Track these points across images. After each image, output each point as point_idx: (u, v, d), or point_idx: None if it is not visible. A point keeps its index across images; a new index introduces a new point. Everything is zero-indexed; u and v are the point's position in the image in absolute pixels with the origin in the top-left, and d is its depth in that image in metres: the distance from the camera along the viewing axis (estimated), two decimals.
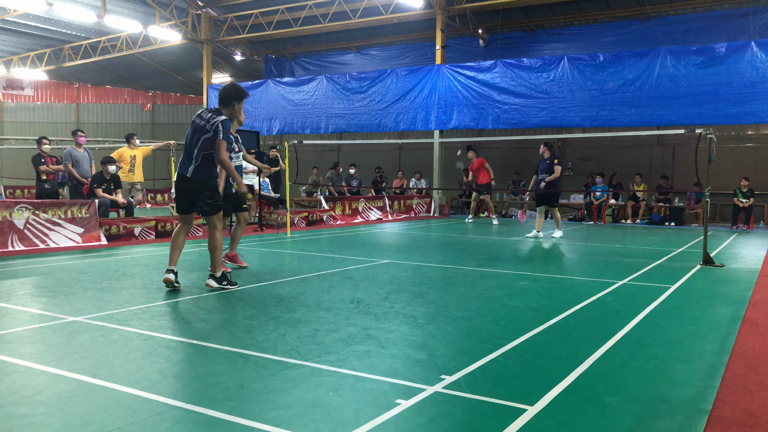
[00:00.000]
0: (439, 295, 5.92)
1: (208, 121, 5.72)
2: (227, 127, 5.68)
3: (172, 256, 5.97)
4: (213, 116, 5.73)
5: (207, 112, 5.82)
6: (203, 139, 5.71)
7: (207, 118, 5.75)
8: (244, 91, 5.96)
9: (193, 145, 5.78)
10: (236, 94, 5.91)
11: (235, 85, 5.99)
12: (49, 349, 3.95)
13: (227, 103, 5.91)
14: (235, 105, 5.93)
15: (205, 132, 5.71)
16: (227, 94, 5.90)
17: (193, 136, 5.78)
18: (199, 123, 5.78)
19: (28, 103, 29.43)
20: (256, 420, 2.81)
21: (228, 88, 5.94)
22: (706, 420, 2.91)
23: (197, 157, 5.74)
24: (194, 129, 5.80)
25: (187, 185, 5.85)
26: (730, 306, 5.60)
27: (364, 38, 22.66)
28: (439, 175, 19.35)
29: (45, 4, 18.23)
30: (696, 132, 9.24)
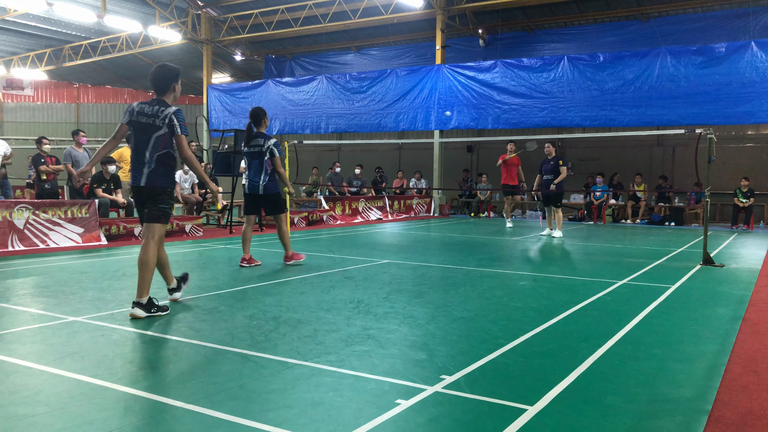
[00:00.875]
0: (439, 295, 5.92)
1: (156, 116, 4.87)
2: (182, 117, 4.95)
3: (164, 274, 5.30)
4: (161, 108, 4.89)
5: (149, 106, 4.93)
6: (155, 138, 4.86)
7: (154, 113, 4.88)
8: (177, 68, 5.16)
9: (143, 147, 4.90)
10: (173, 74, 5.05)
11: (165, 66, 5.09)
12: (49, 349, 3.94)
13: (167, 87, 5.02)
14: (175, 87, 5.06)
15: (155, 129, 4.86)
16: (164, 77, 5.00)
17: (143, 137, 4.89)
18: (145, 121, 4.89)
19: (28, 103, 29.43)
20: (256, 420, 2.81)
21: (160, 71, 5.02)
22: (706, 420, 2.91)
23: (150, 161, 4.89)
24: (140, 128, 4.90)
25: (143, 195, 4.98)
26: (730, 306, 5.60)
27: (364, 38, 22.67)
28: (439, 175, 19.35)
29: (45, 4, 18.24)
30: (696, 132, 9.25)
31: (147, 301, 4.86)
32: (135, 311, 4.81)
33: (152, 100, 5.00)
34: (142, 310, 4.82)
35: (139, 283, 4.84)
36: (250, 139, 7.62)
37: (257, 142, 7.57)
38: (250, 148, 7.61)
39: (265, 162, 7.55)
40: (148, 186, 4.92)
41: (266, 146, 7.51)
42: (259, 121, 7.63)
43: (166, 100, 5.01)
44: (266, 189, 7.61)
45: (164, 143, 4.89)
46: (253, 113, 7.64)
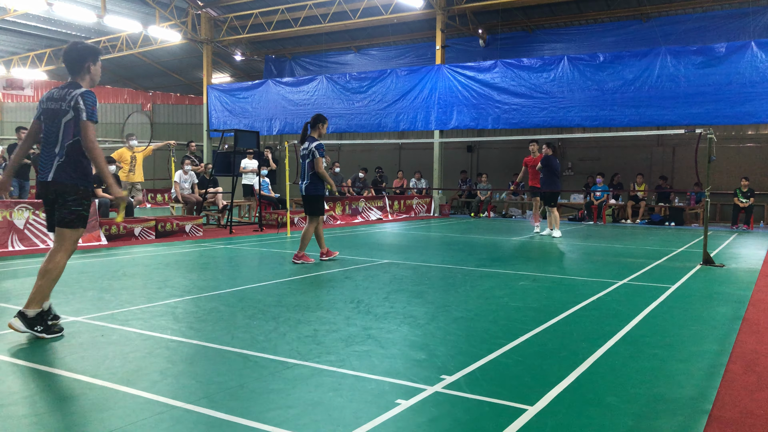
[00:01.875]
0: (439, 295, 5.92)
1: (63, 99, 4.24)
2: (92, 100, 4.28)
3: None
4: (70, 90, 4.26)
5: (59, 90, 4.32)
6: (64, 123, 4.22)
7: (61, 96, 4.26)
8: (94, 48, 4.53)
9: (52, 136, 4.27)
10: (88, 52, 4.41)
11: (78, 43, 4.46)
12: (49, 349, 3.94)
13: (80, 66, 4.38)
14: (90, 67, 4.41)
15: (63, 114, 4.22)
16: (76, 56, 4.37)
17: (52, 125, 4.27)
18: (53, 106, 4.27)
19: (28, 103, 29.43)
20: (256, 420, 2.81)
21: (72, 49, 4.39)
22: (706, 420, 2.91)
23: (60, 152, 4.23)
24: (49, 115, 4.29)
25: (50, 192, 4.29)
26: (730, 306, 5.60)
27: (364, 38, 22.67)
28: (439, 175, 19.35)
29: (45, 4, 18.24)
30: (696, 132, 9.25)
31: (35, 314, 4.18)
32: (14, 322, 4.14)
33: (64, 84, 4.39)
34: (23, 323, 4.14)
35: (33, 292, 4.18)
36: (302, 141, 8.01)
37: (305, 145, 7.91)
38: (302, 150, 7.97)
39: (307, 164, 7.84)
40: (56, 181, 4.24)
41: (310, 148, 7.80)
42: (315, 125, 7.98)
43: (80, 82, 4.37)
44: (307, 191, 7.92)
45: (74, 131, 4.23)
46: (315, 117, 8.03)
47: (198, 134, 25.23)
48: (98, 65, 4.47)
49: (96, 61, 4.45)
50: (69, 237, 4.30)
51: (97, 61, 4.46)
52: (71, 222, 4.28)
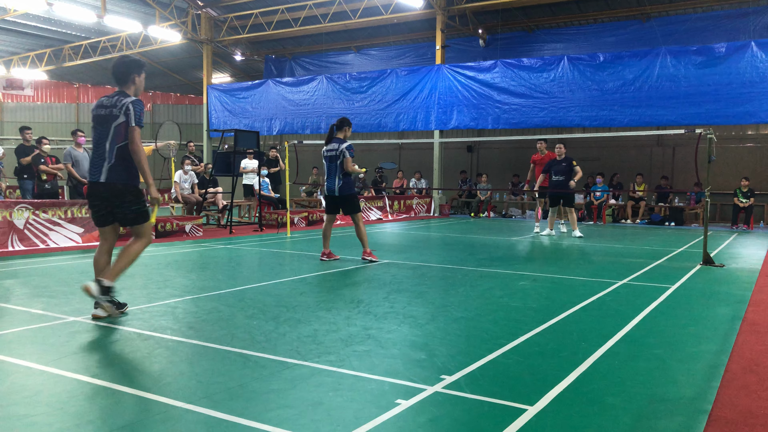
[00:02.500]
0: (439, 295, 5.92)
1: (114, 106, 4.73)
2: (141, 108, 4.77)
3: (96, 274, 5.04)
4: (120, 98, 4.75)
5: (108, 98, 4.82)
6: (114, 128, 4.71)
7: (112, 103, 4.75)
8: (139, 61, 5.10)
9: (103, 140, 4.75)
10: (134, 65, 4.95)
11: (126, 57, 5.09)
12: (49, 349, 3.94)
13: (127, 78, 4.90)
14: (135, 78, 4.93)
15: (113, 119, 4.70)
16: (124, 69, 4.90)
17: (102, 129, 4.76)
18: (104, 112, 4.77)
19: (28, 103, 29.43)
20: (256, 420, 2.81)
21: (120, 63, 4.94)
22: (706, 420, 2.91)
23: (110, 155, 4.71)
24: (99, 120, 4.79)
25: (102, 192, 4.81)
26: (730, 306, 5.60)
27: (364, 38, 22.67)
28: (439, 175, 19.35)
29: (45, 4, 18.24)
30: (696, 132, 9.24)
31: (108, 285, 4.77)
32: (91, 285, 4.72)
33: (113, 93, 4.88)
34: (98, 289, 4.71)
35: (114, 265, 4.84)
36: (329, 142, 8.13)
37: (332, 146, 8.06)
38: (327, 152, 8.09)
39: (338, 165, 7.98)
40: (109, 182, 4.73)
41: (340, 150, 7.98)
42: (341, 127, 8.16)
43: (127, 91, 4.88)
44: (341, 191, 8.07)
45: (122, 134, 4.70)
46: (341, 119, 8.21)
47: (198, 134, 25.23)
48: (142, 77, 4.98)
49: (140, 72, 4.96)
50: (140, 231, 4.97)
51: (142, 73, 4.97)
52: (135, 219, 4.91)
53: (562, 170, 12.07)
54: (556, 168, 12.15)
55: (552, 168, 12.23)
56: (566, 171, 12.05)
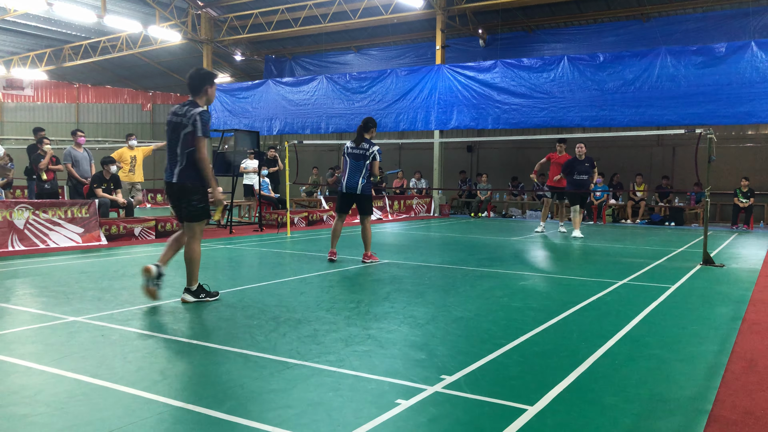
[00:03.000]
0: (439, 295, 5.92)
1: (184, 115, 5.21)
2: (207, 119, 5.21)
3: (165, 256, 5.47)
4: (190, 108, 5.22)
5: (181, 107, 5.30)
6: (183, 135, 5.19)
7: (183, 112, 5.24)
8: (212, 73, 5.57)
9: (174, 145, 5.27)
10: (207, 77, 5.39)
11: (200, 69, 5.49)
12: (49, 349, 3.94)
13: (200, 88, 5.33)
14: (207, 89, 5.36)
15: (183, 127, 5.20)
16: (197, 80, 5.34)
17: (174, 135, 5.26)
18: (176, 120, 5.27)
19: (28, 103, 29.42)
20: (256, 420, 2.81)
21: (195, 74, 5.37)
22: (706, 420, 2.91)
23: (182, 159, 5.24)
24: (172, 127, 5.28)
25: (175, 191, 5.31)
26: (730, 306, 5.60)
27: (364, 38, 22.66)
28: (439, 175, 19.35)
29: (45, 4, 18.24)
30: (696, 132, 9.24)
31: (196, 288, 5.39)
32: (185, 296, 5.35)
33: (186, 101, 5.33)
34: (191, 295, 5.36)
35: (188, 275, 5.37)
36: (359, 142, 8.13)
37: (363, 146, 8.08)
38: (353, 149, 8.10)
39: (366, 165, 8.04)
40: (179, 183, 5.25)
41: (371, 151, 8.05)
42: (368, 128, 8.19)
43: (198, 101, 5.31)
44: (363, 189, 8.11)
45: (191, 141, 5.16)
46: (366, 120, 8.27)
47: None
48: (214, 88, 5.42)
49: (212, 84, 5.40)
50: (196, 228, 5.34)
51: (213, 84, 5.41)
52: (196, 216, 5.30)
53: (585, 170, 12.03)
54: (579, 168, 12.06)
55: (576, 168, 12.10)
56: (589, 171, 12.06)
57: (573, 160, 12.18)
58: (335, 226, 8.36)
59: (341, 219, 8.36)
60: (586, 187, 12.04)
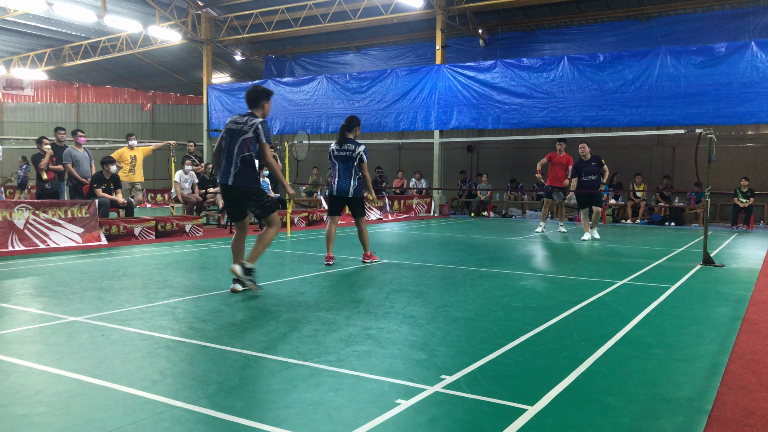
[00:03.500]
0: (439, 295, 5.92)
1: (245, 123, 5.77)
2: (268, 127, 5.81)
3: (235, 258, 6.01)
4: (250, 118, 5.80)
5: (240, 117, 5.88)
6: (242, 140, 5.71)
7: (243, 121, 5.79)
8: (268, 90, 6.08)
9: (232, 149, 5.75)
10: (264, 94, 5.97)
11: (257, 86, 6.07)
12: (49, 349, 3.94)
13: (257, 103, 5.92)
14: (264, 104, 5.93)
15: (243, 133, 5.73)
16: (255, 95, 5.93)
17: (231, 141, 5.76)
18: (235, 127, 5.80)
19: (28, 103, 29.42)
20: (256, 420, 2.81)
21: (253, 90, 5.98)
22: (706, 420, 2.91)
23: (236, 162, 5.71)
24: (231, 134, 5.79)
25: (232, 194, 5.83)
26: (730, 306, 5.60)
27: (364, 38, 22.66)
28: (439, 175, 19.35)
29: (45, 4, 18.23)
30: (696, 132, 9.23)
31: (250, 267, 5.76)
32: (235, 267, 5.73)
33: (245, 113, 5.93)
34: (241, 269, 5.72)
35: (252, 251, 5.80)
36: (342, 143, 8.02)
37: (348, 147, 7.97)
38: (339, 152, 7.99)
39: (354, 167, 7.95)
40: (235, 185, 5.73)
41: (357, 152, 7.93)
42: (351, 127, 8.09)
43: (256, 113, 5.88)
44: (356, 192, 8.02)
45: (248, 146, 5.69)
46: (349, 119, 8.15)
47: (198, 134, 25.24)
48: (269, 104, 6.03)
49: (268, 100, 6.00)
50: (270, 220, 5.92)
51: (269, 101, 6.02)
52: (266, 211, 5.88)
53: (593, 170, 11.79)
54: (586, 169, 11.85)
55: (582, 169, 11.91)
56: (597, 170, 11.81)
57: (579, 162, 12.01)
58: (329, 229, 8.13)
59: (334, 222, 8.19)
60: (596, 187, 11.82)
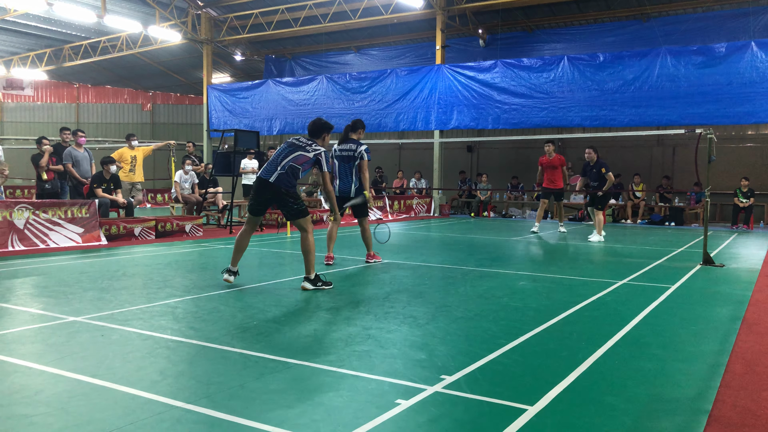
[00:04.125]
0: (439, 295, 5.92)
1: (308, 144, 6.20)
2: (328, 157, 6.24)
3: (234, 257, 6.25)
4: (314, 144, 6.23)
5: (305, 138, 6.32)
6: (299, 154, 6.10)
7: (307, 143, 6.21)
8: (330, 125, 6.54)
9: (283, 156, 6.09)
10: (325, 127, 6.41)
11: (321, 119, 6.51)
12: (49, 349, 3.94)
13: (319, 134, 6.36)
14: (325, 136, 6.37)
15: (303, 150, 6.14)
16: (318, 127, 6.38)
17: (288, 150, 6.12)
18: (297, 143, 6.21)
19: (28, 103, 29.42)
20: (256, 420, 2.81)
21: (317, 122, 6.44)
22: (706, 420, 2.91)
23: (285, 167, 6.03)
24: (291, 148, 6.16)
25: (267, 190, 6.05)
26: (730, 306, 5.60)
27: (364, 38, 22.66)
28: (439, 175, 19.35)
29: (45, 4, 18.23)
30: (696, 132, 9.23)
31: (314, 277, 6.04)
32: (305, 284, 6.01)
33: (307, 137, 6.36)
34: (309, 283, 6.00)
35: (306, 265, 6.07)
36: (342, 142, 8.08)
37: (349, 146, 7.99)
38: (341, 152, 8.01)
39: (355, 167, 7.94)
40: (275, 183, 6.00)
41: (359, 151, 7.94)
42: (356, 129, 8.17)
43: (318, 142, 6.34)
44: (357, 192, 8.02)
45: (302, 162, 6.09)
46: (355, 121, 8.24)
47: (198, 134, 25.22)
48: (329, 136, 6.47)
49: (329, 133, 6.46)
50: (304, 223, 6.12)
51: (329, 134, 6.47)
52: (299, 213, 6.10)
53: (594, 176, 11.68)
54: (590, 174, 11.78)
55: (587, 173, 11.87)
56: (597, 177, 11.63)
57: (585, 165, 12.00)
58: (330, 229, 8.13)
59: (336, 222, 8.17)
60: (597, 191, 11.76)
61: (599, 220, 11.72)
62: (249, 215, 6.32)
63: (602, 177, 11.64)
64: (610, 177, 11.53)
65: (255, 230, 6.38)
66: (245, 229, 6.29)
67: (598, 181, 11.71)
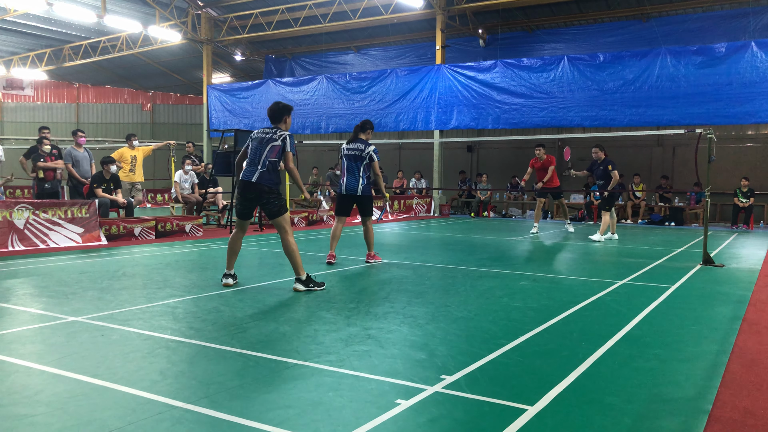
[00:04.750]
0: (439, 295, 5.92)
1: (274, 133, 6.19)
2: (293, 139, 6.24)
3: (229, 260, 6.31)
4: (278, 130, 6.21)
5: (268, 128, 6.31)
6: (270, 147, 6.10)
7: (272, 131, 6.22)
8: (289, 105, 6.48)
9: (259, 154, 6.12)
10: (285, 108, 6.37)
11: (279, 102, 6.45)
12: (49, 349, 3.94)
13: (280, 118, 6.33)
14: (286, 118, 6.34)
15: (272, 141, 6.13)
16: (277, 111, 6.34)
17: (260, 147, 6.14)
18: (264, 135, 6.21)
19: (28, 103, 29.42)
20: (256, 420, 2.81)
21: (274, 106, 6.38)
22: (706, 420, 2.91)
23: (264, 163, 6.08)
24: (259, 141, 6.18)
25: (251, 190, 6.09)
26: (730, 306, 5.60)
27: (364, 38, 22.66)
28: (439, 175, 19.35)
29: (45, 4, 18.23)
30: (696, 132, 9.23)
31: (305, 277, 6.03)
32: (296, 286, 6.01)
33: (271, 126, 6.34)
34: (301, 285, 6.00)
35: (293, 267, 6.04)
36: (351, 141, 8.14)
37: (357, 146, 8.06)
38: (349, 150, 8.08)
39: (363, 166, 8.03)
40: (258, 182, 6.04)
41: (366, 151, 8.03)
42: (365, 129, 8.22)
43: (282, 127, 6.29)
44: (364, 191, 8.09)
45: (275, 153, 6.10)
46: (364, 121, 8.30)
47: (198, 134, 25.22)
48: (290, 118, 6.44)
49: (289, 115, 6.40)
50: (283, 222, 6.10)
51: (290, 116, 6.41)
52: (278, 211, 6.09)
53: (599, 174, 11.65)
54: (596, 172, 11.76)
55: (594, 172, 11.85)
56: (602, 175, 11.60)
57: (592, 164, 11.97)
58: (335, 228, 8.21)
59: (341, 221, 8.22)
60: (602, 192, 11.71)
61: (605, 221, 11.65)
62: (237, 219, 6.32)
63: (608, 175, 11.58)
64: (615, 175, 11.47)
65: (246, 232, 6.39)
66: (236, 232, 6.30)
67: (603, 179, 11.65)
